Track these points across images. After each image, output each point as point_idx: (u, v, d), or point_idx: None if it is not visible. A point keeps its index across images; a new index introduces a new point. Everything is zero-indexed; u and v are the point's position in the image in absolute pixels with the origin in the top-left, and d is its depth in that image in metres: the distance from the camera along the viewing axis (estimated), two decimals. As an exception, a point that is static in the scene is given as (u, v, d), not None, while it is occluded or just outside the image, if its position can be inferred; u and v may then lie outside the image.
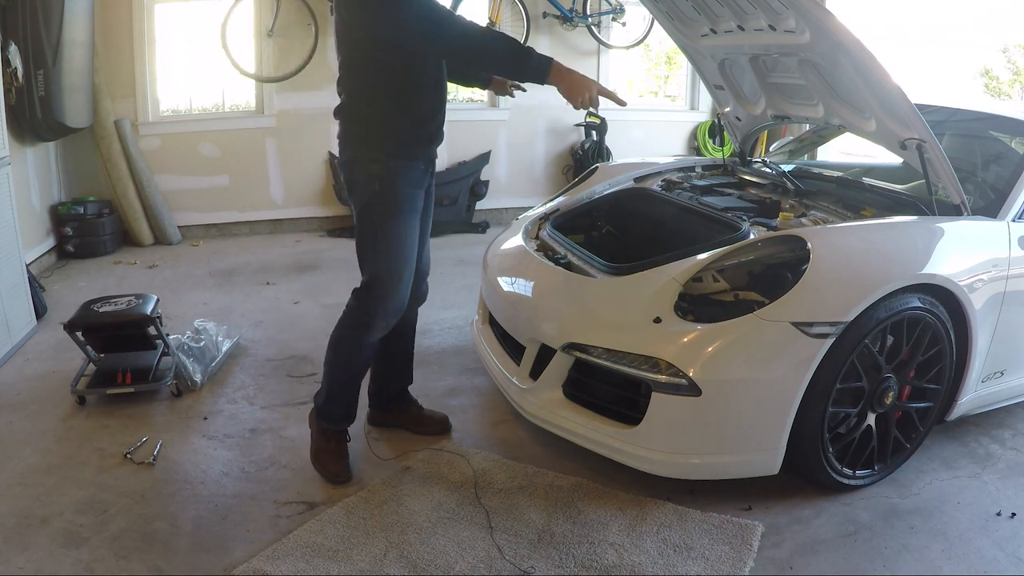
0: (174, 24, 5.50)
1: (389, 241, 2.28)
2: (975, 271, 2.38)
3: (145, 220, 5.45)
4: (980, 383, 2.57)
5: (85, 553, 2.07)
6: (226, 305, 4.14)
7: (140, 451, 2.60)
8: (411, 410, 2.76)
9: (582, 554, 2.08)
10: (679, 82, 7.19)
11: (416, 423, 2.74)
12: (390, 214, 2.27)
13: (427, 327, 3.79)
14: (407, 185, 2.30)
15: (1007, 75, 7.51)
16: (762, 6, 2.58)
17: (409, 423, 2.74)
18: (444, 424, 2.75)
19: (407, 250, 2.32)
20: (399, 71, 2.23)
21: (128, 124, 5.33)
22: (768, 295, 2.19)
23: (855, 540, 2.16)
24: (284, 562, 2.03)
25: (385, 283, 2.31)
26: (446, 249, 5.45)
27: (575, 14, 6.03)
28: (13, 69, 4.12)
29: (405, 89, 2.26)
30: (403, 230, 2.30)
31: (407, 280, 2.35)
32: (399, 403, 2.77)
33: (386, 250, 2.29)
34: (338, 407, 2.47)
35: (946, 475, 2.49)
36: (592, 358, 2.32)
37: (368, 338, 2.36)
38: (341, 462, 2.45)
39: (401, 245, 2.30)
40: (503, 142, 6.34)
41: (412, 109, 2.29)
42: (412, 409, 2.77)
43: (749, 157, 3.63)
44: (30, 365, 3.34)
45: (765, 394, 2.16)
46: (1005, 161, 2.94)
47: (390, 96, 2.26)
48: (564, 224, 3.15)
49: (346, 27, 2.26)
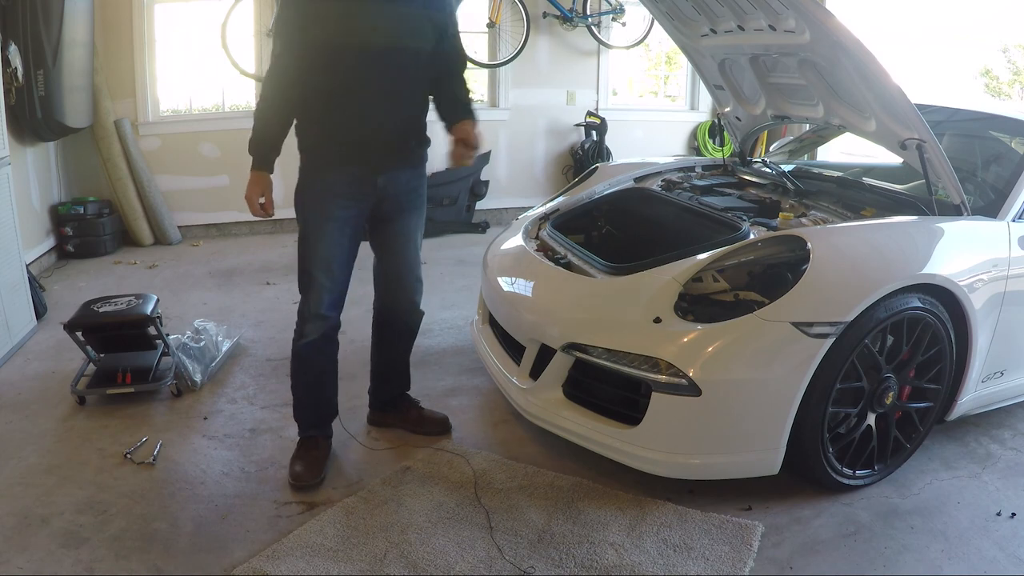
0: (174, 24, 5.49)
1: (305, 246, 2.39)
2: (975, 271, 2.38)
3: (145, 220, 5.45)
4: (980, 383, 2.57)
5: (85, 553, 2.07)
6: (226, 305, 4.14)
7: (140, 451, 2.60)
8: (410, 412, 2.77)
9: (582, 554, 2.08)
10: (679, 82, 7.19)
11: (416, 424, 2.74)
12: (305, 221, 2.39)
13: (427, 327, 3.77)
14: (327, 194, 2.35)
15: (1007, 75, 7.51)
16: (762, 6, 2.58)
17: (408, 424, 2.74)
18: (444, 424, 2.75)
19: (321, 256, 2.36)
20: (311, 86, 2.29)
21: (128, 124, 5.33)
22: (768, 295, 2.19)
23: (855, 540, 2.16)
24: (284, 562, 2.03)
25: (302, 286, 2.41)
26: (446, 249, 5.45)
27: (575, 14, 6.03)
28: (13, 69, 4.12)
29: (317, 103, 2.31)
30: (317, 236, 2.36)
31: (323, 285, 2.37)
32: (397, 406, 2.78)
33: (302, 254, 2.40)
34: (303, 414, 2.53)
35: (946, 475, 2.49)
36: (592, 358, 2.32)
37: (302, 343, 2.43)
38: (308, 467, 2.41)
39: (313, 250, 2.37)
40: (503, 142, 6.34)
41: (324, 123, 2.33)
42: (412, 411, 2.77)
43: (749, 157, 3.63)
44: (30, 365, 3.34)
45: (765, 394, 2.16)
46: (1005, 161, 2.94)
47: (307, 110, 2.34)
48: (564, 224, 3.15)
49: None
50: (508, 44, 5.99)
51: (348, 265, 2.42)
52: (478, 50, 6.01)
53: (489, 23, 5.89)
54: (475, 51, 5.94)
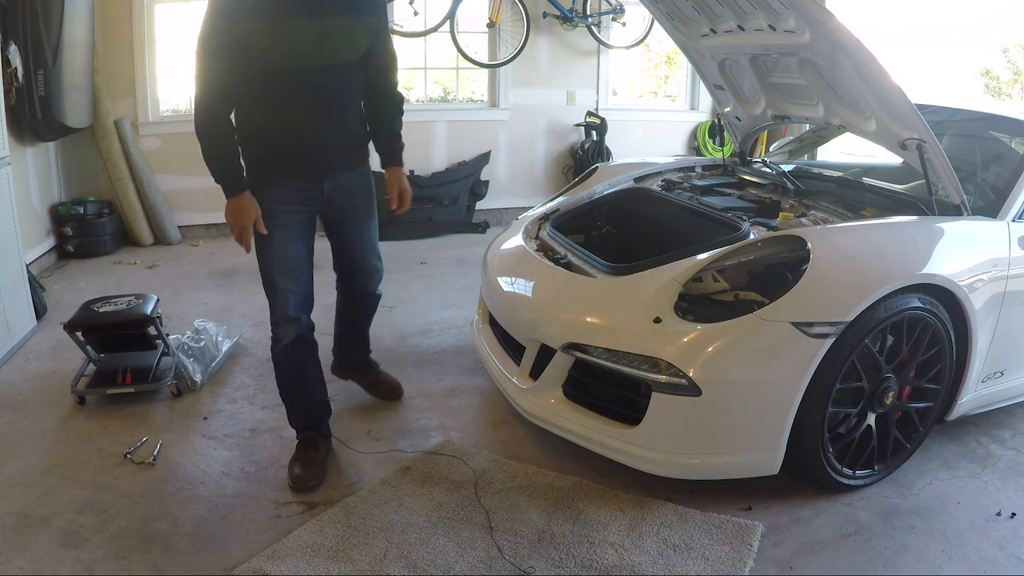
0: (174, 24, 5.49)
1: (262, 255, 2.39)
2: (975, 271, 2.38)
3: (145, 220, 5.45)
4: (980, 383, 2.57)
5: (85, 553, 2.07)
6: (226, 305, 4.14)
7: (140, 451, 2.60)
8: (368, 374, 3.00)
9: (582, 554, 2.08)
10: (679, 82, 7.18)
11: (372, 386, 2.98)
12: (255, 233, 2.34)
13: (427, 327, 3.79)
14: (275, 203, 2.34)
15: (1007, 75, 7.50)
16: (762, 6, 2.58)
17: (365, 385, 2.99)
18: (397, 390, 2.99)
19: (278, 260, 2.38)
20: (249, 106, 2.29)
21: (128, 124, 5.33)
22: (768, 295, 2.19)
23: (855, 540, 2.16)
24: (284, 562, 2.03)
25: (268, 295, 2.43)
26: (446, 249, 5.45)
27: (575, 14, 6.03)
28: (13, 69, 4.12)
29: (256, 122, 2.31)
30: (271, 244, 2.35)
31: (287, 287, 2.39)
32: (357, 368, 3.00)
33: (262, 264, 2.40)
34: (294, 417, 2.57)
35: (946, 475, 2.49)
36: (592, 358, 2.32)
37: (278, 348, 2.45)
38: (307, 469, 2.42)
39: (271, 258, 2.38)
40: (503, 142, 6.34)
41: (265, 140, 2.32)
42: (370, 374, 3.00)
43: (749, 157, 3.63)
44: (30, 365, 3.34)
45: (765, 394, 2.16)
46: (1005, 161, 2.94)
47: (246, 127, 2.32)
48: (564, 224, 3.15)
49: None
50: (508, 44, 5.99)
51: (308, 266, 2.45)
52: (478, 50, 6.02)
53: (489, 23, 5.88)
54: (475, 51, 5.95)
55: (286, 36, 2.18)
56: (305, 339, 2.47)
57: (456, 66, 6.32)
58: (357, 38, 2.33)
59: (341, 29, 2.27)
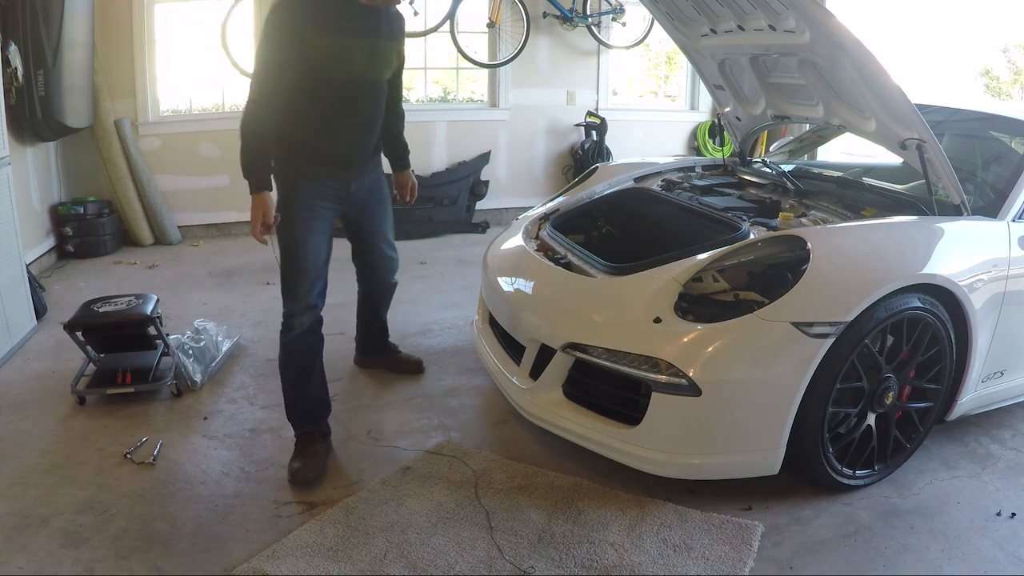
0: (174, 24, 5.49)
1: (294, 246, 2.54)
2: (975, 271, 2.38)
3: (145, 220, 5.45)
4: (980, 383, 2.57)
5: (85, 553, 2.07)
6: (226, 305, 4.14)
7: (140, 451, 2.60)
8: (389, 356, 3.29)
9: (582, 554, 2.08)
10: (679, 82, 7.18)
11: (395, 366, 3.25)
12: (293, 222, 2.52)
13: (427, 327, 3.80)
14: (314, 199, 2.56)
15: (1007, 75, 7.50)
16: (762, 6, 2.58)
17: (389, 365, 3.26)
18: (418, 366, 3.27)
19: (311, 250, 2.54)
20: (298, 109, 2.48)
21: (128, 124, 5.33)
22: (768, 295, 2.19)
23: (855, 540, 2.16)
24: (284, 562, 2.03)
25: (290, 285, 2.55)
26: (446, 249, 5.45)
27: (575, 14, 6.03)
28: (13, 69, 4.12)
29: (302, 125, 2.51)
30: (307, 234, 2.54)
31: (315, 276, 2.55)
32: (379, 352, 3.28)
33: (293, 255, 2.53)
34: (295, 410, 2.59)
35: (946, 475, 2.49)
36: (592, 358, 2.32)
37: (291, 336, 2.55)
38: (306, 463, 2.44)
39: (303, 248, 2.53)
40: (503, 142, 6.34)
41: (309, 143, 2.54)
42: (392, 355, 3.29)
43: (749, 157, 3.63)
44: (30, 365, 3.34)
45: (765, 394, 2.16)
46: (1005, 161, 2.94)
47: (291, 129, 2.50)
48: (564, 224, 3.15)
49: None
50: (508, 44, 5.99)
51: (328, 259, 2.65)
52: (478, 50, 6.02)
53: (489, 23, 5.89)
54: (475, 51, 5.95)
55: (346, 53, 2.46)
56: (315, 330, 2.61)
57: (456, 66, 6.32)
58: (393, 59, 2.67)
59: (385, 50, 2.59)
